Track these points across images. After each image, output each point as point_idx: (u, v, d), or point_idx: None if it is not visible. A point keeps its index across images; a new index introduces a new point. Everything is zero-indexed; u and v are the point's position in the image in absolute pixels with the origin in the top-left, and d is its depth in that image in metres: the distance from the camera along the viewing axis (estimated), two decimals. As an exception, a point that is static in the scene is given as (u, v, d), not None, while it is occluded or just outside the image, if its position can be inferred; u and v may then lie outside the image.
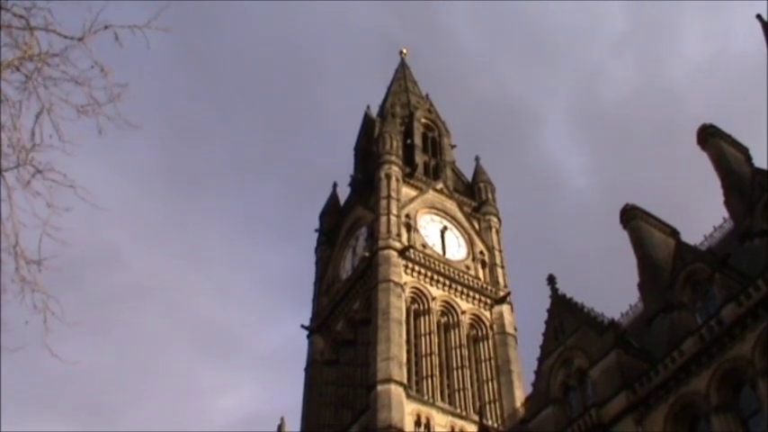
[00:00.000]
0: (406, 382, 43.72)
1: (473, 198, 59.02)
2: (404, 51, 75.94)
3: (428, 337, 47.81)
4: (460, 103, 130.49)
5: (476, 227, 56.25)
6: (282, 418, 47.63)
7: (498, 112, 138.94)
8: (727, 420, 22.68)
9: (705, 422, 23.43)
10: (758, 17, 32.27)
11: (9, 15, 8.87)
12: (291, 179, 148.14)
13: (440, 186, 57.48)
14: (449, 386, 46.59)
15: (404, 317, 47.41)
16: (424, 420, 43.03)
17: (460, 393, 46.20)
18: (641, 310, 32.09)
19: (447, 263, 52.04)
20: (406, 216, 53.24)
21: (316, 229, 60.71)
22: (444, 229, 54.83)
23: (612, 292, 68.17)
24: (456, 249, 54.00)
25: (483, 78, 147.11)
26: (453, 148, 64.71)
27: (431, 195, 56.34)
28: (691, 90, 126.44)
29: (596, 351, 27.79)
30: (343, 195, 62.82)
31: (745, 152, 32.89)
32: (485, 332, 50.19)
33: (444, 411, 44.34)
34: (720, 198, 31.53)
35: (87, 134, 9.36)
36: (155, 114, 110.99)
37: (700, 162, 33.77)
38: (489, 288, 52.27)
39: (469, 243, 54.83)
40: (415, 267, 50.07)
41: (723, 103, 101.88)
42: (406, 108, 66.44)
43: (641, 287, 32.43)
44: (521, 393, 45.52)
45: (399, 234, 51.19)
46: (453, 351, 48.35)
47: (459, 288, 51.03)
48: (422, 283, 49.97)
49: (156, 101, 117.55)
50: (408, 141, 61.88)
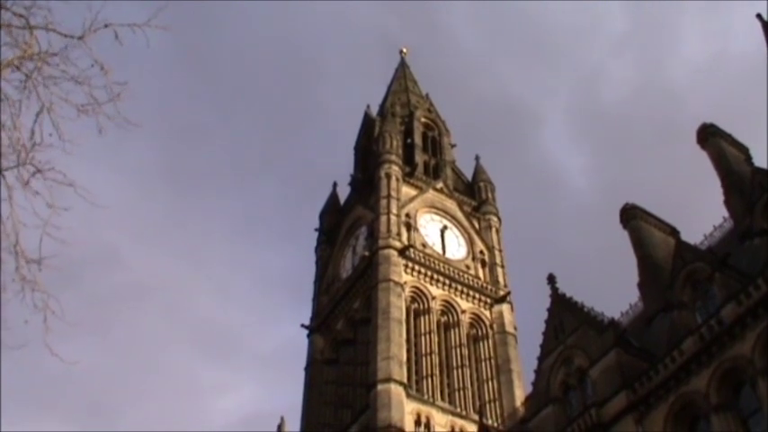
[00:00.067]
0: (405, 381, 43.72)
1: (473, 197, 59.00)
2: (404, 51, 75.90)
3: (428, 337, 47.81)
4: (460, 102, 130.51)
5: (476, 226, 56.25)
6: (282, 418, 47.68)
7: (498, 111, 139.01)
8: (727, 420, 22.66)
9: (705, 422, 23.41)
10: (758, 16, 32.23)
11: (9, 14, 8.87)
12: (291, 179, 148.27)
13: (440, 186, 57.47)
14: (449, 385, 46.59)
15: (404, 316, 47.41)
16: (423, 420, 43.03)
17: (460, 393, 46.20)
18: (641, 310, 32.08)
19: (447, 262, 52.03)
20: (406, 215, 53.23)
21: (316, 229, 60.72)
22: (444, 228, 54.81)
23: (612, 291, 68.34)
24: (456, 249, 53.99)
25: (483, 78, 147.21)
26: (453, 147, 64.68)
27: (431, 195, 56.33)
28: (691, 90, 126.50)
29: (596, 350, 27.78)
30: (344, 195, 62.85)
31: (745, 151, 32.85)
32: (485, 331, 50.19)
33: (444, 411, 44.34)
34: (720, 197, 31.52)
35: (87, 133, 9.36)
36: (155, 114, 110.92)
37: (700, 161, 33.79)
38: (489, 287, 52.26)
39: (469, 242, 54.83)
40: (415, 267, 50.07)
41: (723, 102, 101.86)
42: (406, 107, 66.39)
43: (641, 286, 32.43)
44: (521, 393, 45.50)
45: (399, 233, 51.19)
46: (453, 350, 48.35)
47: (459, 287, 51.03)
48: (422, 282, 49.97)
49: (156, 101, 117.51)
50: (408, 141, 61.85)
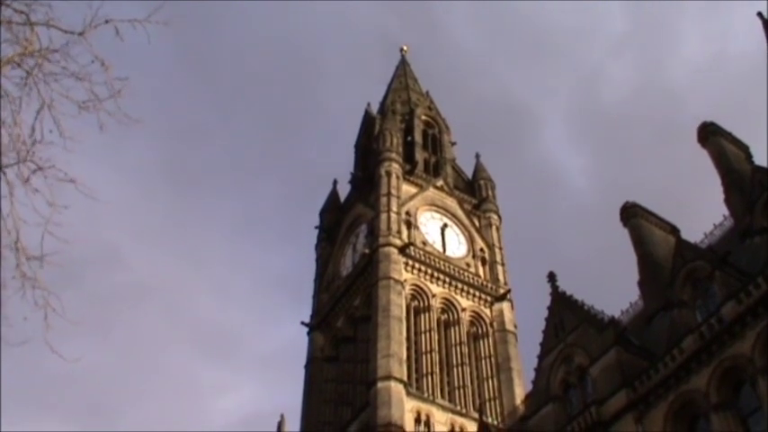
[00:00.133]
0: (406, 379, 43.71)
1: (473, 195, 58.96)
2: (404, 49, 75.80)
3: (428, 335, 47.80)
4: (460, 103, 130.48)
5: (476, 224, 56.23)
6: (282, 415, 47.66)
7: (498, 111, 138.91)
8: (727, 419, 22.67)
9: (705, 420, 23.42)
10: (759, 15, 32.22)
11: (10, 11, 8.86)
12: (291, 178, 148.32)
13: (440, 183, 57.44)
14: (449, 383, 46.58)
15: (404, 314, 47.39)
16: (423, 418, 43.01)
17: (460, 391, 46.19)
18: (641, 308, 32.11)
19: (447, 260, 52.02)
20: (407, 213, 53.20)
21: (316, 227, 60.70)
22: (444, 226, 54.79)
23: (613, 289, 68.13)
24: (456, 246, 53.98)
25: (483, 78, 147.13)
26: (453, 145, 64.62)
27: (431, 192, 56.29)
28: (691, 89, 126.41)
29: (596, 349, 27.79)
30: (344, 192, 62.82)
31: (745, 150, 32.87)
32: (485, 329, 50.19)
33: (444, 409, 44.33)
34: (721, 196, 31.54)
35: (88, 131, 9.35)
36: (155, 112, 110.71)
37: (700, 160, 33.80)
38: (489, 285, 52.25)
39: (470, 240, 54.81)
40: (416, 264, 50.05)
41: (723, 102, 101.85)
42: (406, 105, 66.34)
43: (641, 285, 32.45)
44: (521, 391, 45.49)
45: (399, 231, 51.17)
46: (453, 348, 48.34)
47: (460, 285, 51.01)
48: (422, 280, 49.95)
49: (156, 101, 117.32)
50: (409, 138, 61.80)
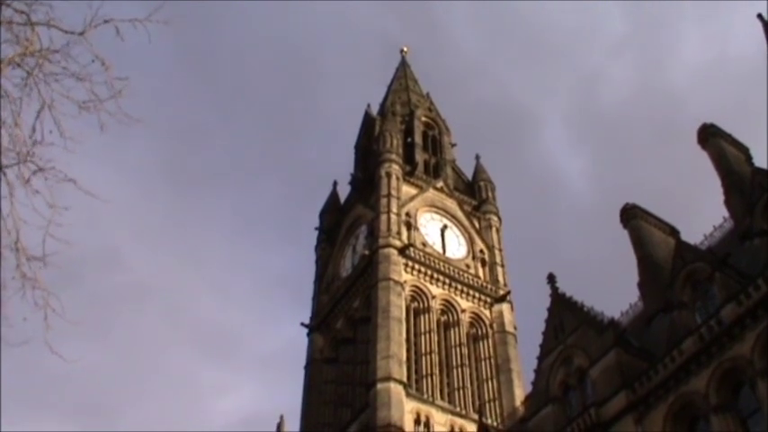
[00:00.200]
0: (405, 380, 43.72)
1: (473, 197, 58.98)
2: (404, 50, 75.87)
3: (428, 336, 47.80)
4: (460, 103, 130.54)
5: (476, 225, 56.23)
6: (282, 416, 47.72)
7: (498, 112, 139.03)
8: (727, 420, 22.65)
9: (704, 422, 23.40)
10: (759, 16, 32.24)
11: (10, 11, 8.86)
12: (291, 179, 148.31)
13: (440, 185, 57.45)
14: (448, 385, 46.58)
15: (404, 315, 47.40)
16: (423, 419, 43.02)
17: (460, 392, 46.19)
18: (641, 310, 32.06)
19: (447, 261, 52.02)
20: (407, 214, 53.21)
21: (316, 228, 60.70)
22: (444, 227, 54.80)
23: (612, 291, 68.24)
24: (456, 248, 53.98)
25: (482, 79, 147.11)
26: (453, 146, 64.66)
27: (431, 194, 56.30)
28: (691, 91, 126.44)
29: (596, 350, 27.77)
30: (344, 194, 62.83)
31: (745, 152, 32.85)
32: (485, 331, 50.19)
33: (444, 410, 44.33)
34: (720, 197, 31.51)
35: (88, 131, 9.35)
36: (155, 113, 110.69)
37: (700, 162, 33.78)
38: (489, 287, 52.25)
39: (469, 241, 54.81)
40: (415, 266, 50.06)
41: (723, 103, 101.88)
42: (406, 106, 66.36)
43: (641, 286, 32.41)
44: (520, 392, 45.49)
45: (399, 232, 51.18)
46: (453, 350, 48.34)
47: (459, 287, 51.02)
48: (422, 281, 49.96)
49: (156, 101, 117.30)
50: (409, 140, 61.83)
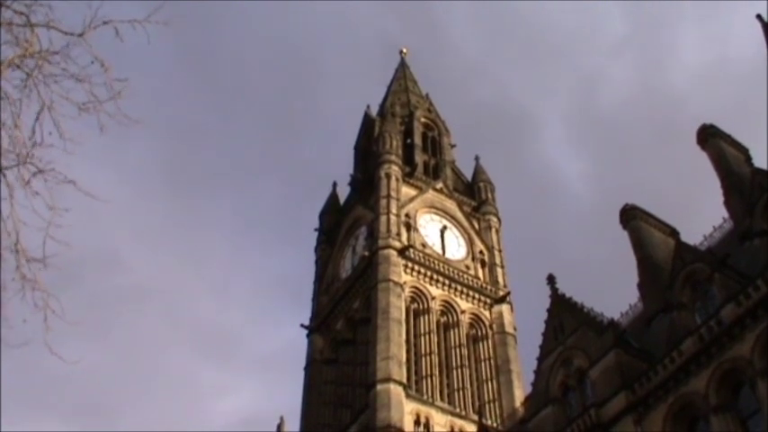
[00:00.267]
0: (405, 381, 43.71)
1: (473, 198, 58.99)
2: (404, 51, 75.91)
3: (428, 337, 47.80)
4: (460, 104, 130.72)
5: (475, 226, 56.23)
6: (282, 417, 47.71)
7: (497, 113, 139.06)
8: (727, 421, 22.65)
9: (704, 422, 23.39)
10: (758, 17, 32.22)
11: (10, 12, 8.86)
12: (291, 179, 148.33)
13: (439, 186, 57.46)
14: (448, 386, 46.58)
15: (403, 316, 47.40)
16: (423, 420, 43.02)
17: (460, 393, 46.19)
18: (641, 310, 32.05)
19: (447, 262, 52.02)
20: (406, 215, 53.22)
21: (315, 229, 60.70)
22: (444, 228, 54.80)
23: (612, 291, 68.32)
24: (456, 249, 53.98)
25: (482, 79, 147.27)
26: (453, 147, 64.66)
27: (431, 195, 56.31)
28: (690, 92, 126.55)
29: (596, 351, 27.77)
30: (343, 195, 62.84)
31: (745, 152, 32.83)
32: (484, 332, 50.19)
33: (444, 411, 44.33)
34: (720, 198, 31.50)
35: (88, 132, 9.35)
36: (155, 113, 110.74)
37: (700, 162, 33.77)
38: (489, 288, 52.25)
39: (469, 243, 54.82)
40: (415, 267, 50.06)
41: (723, 103, 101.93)
42: (405, 107, 66.37)
43: (641, 287, 32.40)
44: (520, 393, 45.49)
45: (399, 233, 51.18)
46: (453, 350, 48.34)
47: (459, 288, 51.02)
48: (421, 282, 49.96)
49: (156, 102, 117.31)
50: (408, 141, 61.84)
